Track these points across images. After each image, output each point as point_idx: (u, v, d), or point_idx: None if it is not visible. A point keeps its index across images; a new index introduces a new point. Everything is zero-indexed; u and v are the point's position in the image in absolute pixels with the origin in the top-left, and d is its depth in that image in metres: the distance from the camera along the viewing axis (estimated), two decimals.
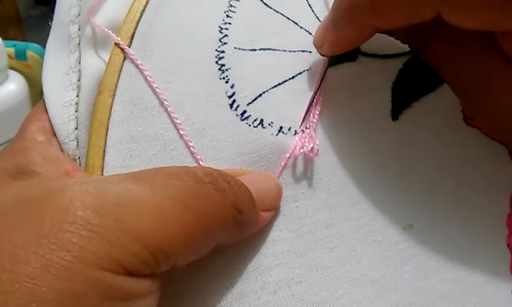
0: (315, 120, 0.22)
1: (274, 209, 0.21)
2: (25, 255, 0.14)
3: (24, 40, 0.51)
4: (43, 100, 0.22)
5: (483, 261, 0.22)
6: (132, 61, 0.22)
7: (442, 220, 0.22)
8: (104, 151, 0.21)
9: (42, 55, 0.49)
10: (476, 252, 0.22)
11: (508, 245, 0.22)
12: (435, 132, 0.24)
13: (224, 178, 0.18)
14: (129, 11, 0.23)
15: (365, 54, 0.24)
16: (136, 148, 0.21)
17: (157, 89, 0.22)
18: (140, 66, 0.22)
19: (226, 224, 0.17)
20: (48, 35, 0.23)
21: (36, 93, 0.48)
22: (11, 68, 0.47)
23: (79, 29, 0.23)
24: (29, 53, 0.49)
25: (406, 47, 0.24)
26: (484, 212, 0.23)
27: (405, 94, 0.24)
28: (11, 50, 0.48)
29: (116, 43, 0.22)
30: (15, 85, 0.45)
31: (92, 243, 0.15)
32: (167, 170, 0.17)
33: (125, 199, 0.16)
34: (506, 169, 0.24)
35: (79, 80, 0.22)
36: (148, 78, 0.22)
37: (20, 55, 0.48)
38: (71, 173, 0.19)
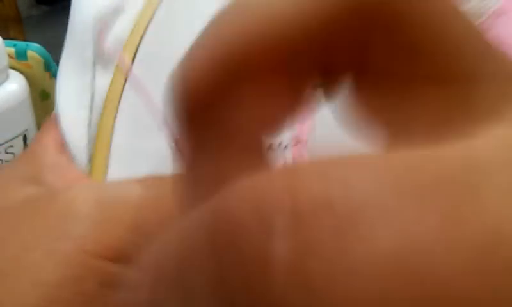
0: (305, 136, 0.23)
1: None
2: (31, 244, 0.16)
3: (24, 40, 0.51)
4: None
5: None
6: (133, 81, 0.24)
7: None
8: (107, 165, 0.23)
9: (43, 55, 0.49)
10: None
11: None
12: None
13: None
14: (131, 33, 0.25)
15: None
16: (137, 163, 0.23)
17: (156, 108, 0.23)
18: (140, 86, 0.24)
19: None
20: (49, 35, 0.24)
21: (36, 92, 0.48)
22: (12, 67, 0.46)
23: (93, 52, 0.24)
24: (30, 53, 0.49)
25: None
26: None
27: None
28: (12, 49, 0.48)
29: (119, 62, 0.24)
30: (15, 85, 0.45)
31: (92, 232, 0.17)
32: (162, 175, 0.20)
33: (123, 196, 0.18)
34: None
35: (91, 100, 0.24)
36: (149, 96, 0.24)
37: (21, 55, 0.48)
38: (79, 180, 0.22)
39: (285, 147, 0.23)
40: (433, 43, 0.10)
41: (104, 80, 0.25)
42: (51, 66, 0.51)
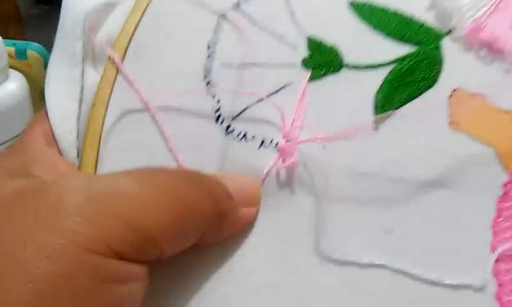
0: (297, 133, 0.23)
1: (254, 206, 0.22)
2: (22, 240, 0.16)
3: (24, 39, 0.51)
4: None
5: (463, 265, 0.22)
6: (124, 75, 0.24)
7: (422, 225, 0.22)
8: (97, 160, 0.23)
9: (43, 55, 0.49)
10: (455, 256, 0.22)
11: (492, 249, 0.22)
12: (419, 137, 0.24)
13: (200, 175, 0.20)
14: (123, 26, 0.25)
15: (348, 66, 0.24)
16: (127, 157, 0.23)
17: (148, 103, 0.23)
18: (132, 81, 0.23)
19: (206, 214, 0.19)
20: (49, 34, 0.24)
21: (36, 92, 0.48)
22: (12, 67, 0.46)
23: (83, 46, 0.24)
24: (30, 52, 0.49)
25: (391, 56, 0.25)
26: (468, 216, 0.23)
27: (388, 101, 0.24)
28: (12, 49, 0.48)
29: (110, 58, 0.24)
30: (15, 84, 0.45)
31: (83, 227, 0.16)
32: (151, 168, 0.20)
33: (112, 188, 0.18)
34: (493, 172, 0.23)
35: (81, 93, 0.24)
36: (140, 92, 0.23)
37: (21, 55, 0.48)
38: (68, 172, 0.21)
39: (276, 144, 0.23)
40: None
41: (94, 74, 0.24)
42: None
